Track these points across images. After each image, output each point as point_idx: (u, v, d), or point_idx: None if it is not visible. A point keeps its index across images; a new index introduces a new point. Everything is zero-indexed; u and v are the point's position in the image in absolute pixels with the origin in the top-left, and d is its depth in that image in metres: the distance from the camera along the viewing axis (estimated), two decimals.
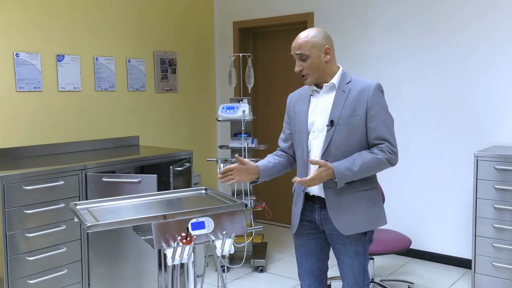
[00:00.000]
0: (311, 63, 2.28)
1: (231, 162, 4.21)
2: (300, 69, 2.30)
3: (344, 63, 4.71)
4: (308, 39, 2.28)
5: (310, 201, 2.39)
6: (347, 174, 2.20)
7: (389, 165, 2.26)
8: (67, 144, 4.10)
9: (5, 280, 3.04)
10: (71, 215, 3.28)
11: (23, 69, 3.87)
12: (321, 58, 2.29)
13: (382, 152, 2.23)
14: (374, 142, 2.26)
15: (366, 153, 2.24)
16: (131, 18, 4.69)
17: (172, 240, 2.16)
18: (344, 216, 2.29)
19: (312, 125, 2.34)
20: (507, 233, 3.57)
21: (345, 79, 2.33)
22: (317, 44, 2.28)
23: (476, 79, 4.07)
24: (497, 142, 4.01)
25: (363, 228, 2.31)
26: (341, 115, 2.25)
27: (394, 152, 2.26)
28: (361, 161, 2.21)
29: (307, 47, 2.27)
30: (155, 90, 4.94)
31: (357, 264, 2.36)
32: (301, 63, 2.29)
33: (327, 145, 2.27)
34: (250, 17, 5.35)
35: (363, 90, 2.27)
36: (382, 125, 2.25)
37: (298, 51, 2.28)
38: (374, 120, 2.25)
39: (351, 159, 2.22)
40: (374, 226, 2.35)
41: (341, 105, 2.27)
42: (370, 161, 2.22)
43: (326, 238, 2.44)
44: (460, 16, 4.10)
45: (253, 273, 4.20)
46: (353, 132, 2.25)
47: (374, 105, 2.25)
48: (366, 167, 2.22)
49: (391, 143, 2.26)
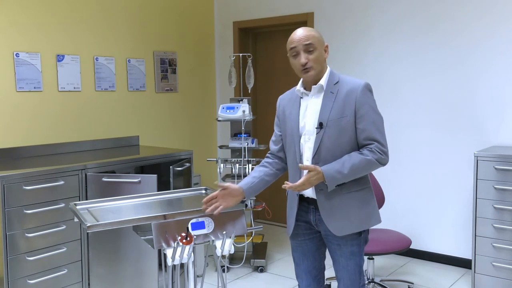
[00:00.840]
0: (318, 55, 2.26)
1: (231, 162, 4.21)
2: (306, 61, 2.25)
3: (344, 63, 4.72)
4: (314, 33, 2.27)
5: (305, 202, 2.38)
6: (337, 176, 2.20)
7: (379, 165, 2.25)
8: (67, 144, 4.09)
9: (5, 280, 3.04)
10: (71, 215, 3.28)
11: (23, 69, 3.87)
12: (323, 54, 2.30)
13: (372, 153, 2.22)
14: (364, 142, 2.25)
15: (356, 155, 2.23)
16: (131, 18, 4.69)
17: (172, 240, 2.16)
18: (337, 217, 2.28)
19: (303, 128, 2.32)
20: (507, 233, 3.57)
21: (333, 79, 2.31)
22: (321, 40, 2.29)
23: (476, 79, 4.07)
24: (497, 142, 4.01)
25: (356, 229, 2.30)
26: (330, 117, 2.24)
27: (384, 152, 2.24)
28: (351, 163, 2.20)
29: (315, 39, 2.25)
30: (155, 90, 4.94)
31: (353, 265, 2.35)
32: (307, 55, 2.25)
33: (317, 148, 2.26)
34: (250, 17, 5.35)
35: (351, 90, 2.25)
36: (371, 125, 2.24)
37: (307, 42, 2.23)
38: (363, 120, 2.23)
39: (341, 162, 2.21)
40: (367, 226, 2.34)
41: (330, 106, 2.25)
42: (359, 163, 2.21)
43: (322, 238, 2.44)
44: (460, 16, 4.10)
45: (253, 273, 4.20)
46: (342, 134, 2.24)
47: (363, 105, 2.24)
48: (356, 169, 2.21)
49: (381, 143, 2.24)
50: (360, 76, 4.59)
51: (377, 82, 4.53)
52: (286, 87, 5.32)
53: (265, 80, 5.56)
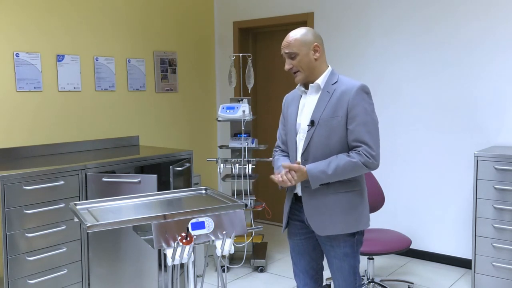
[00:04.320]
0: (300, 60, 2.30)
1: (231, 162, 4.21)
2: (290, 67, 2.33)
3: (344, 63, 4.72)
4: (297, 38, 2.31)
5: (299, 202, 2.39)
6: (321, 176, 2.21)
7: (366, 169, 2.22)
8: (67, 144, 4.09)
9: (5, 280, 3.04)
10: (71, 215, 3.28)
11: (23, 69, 3.87)
12: (310, 56, 2.30)
13: (359, 156, 2.20)
14: (352, 144, 2.24)
15: (343, 157, 2.22)
16: (131, 18, 4.69)
17: (172, 240, 2.16)
18: (320, 216, 2.29)
19: (299, 125, 2.36)
20: (507, 233, 3.57)
21: (332, 79, 2.32)
22: (306, 42, 2.30)
23: (476, 79, 4.07)
24: (497, 142, 4.01)
25: (339, 230, 2.29)
26: (322, 116, 2.26)
27: (372, 155, 2.21)
28: (335, 164, 2.20)
29: (295, 45, 2.30)
30: (155, 90, 4.94)
31: (347, 266, 2.35)
32: (290, 61, 2.32)
33: (307, 145, 2.28)
34: (250, 17, 5.35)
35: (345, 91, 2.26)
36: (362, 127, 2.22)
37: (287, 50, 2.32)
38: (353, 122, 2.23)
39: (327, 162, 2.22)
40: (353, 230, 2.31)
41: (324, 105, 2.27)
42: (345, 165, 2.20)
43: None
44: (459, 16, 4.10)
45: (253, 273, 4.20)
46: (333, 133, 2.25)
47: (355, 106, 2.23)
48: (340, 171, 2.20)
49: (370, 146, 2.21)
50: (360, 76, 4.60)
51: (377, 81, 4.53)
52: (286, 87, 5.35)
53: (265, 80, 5.56)
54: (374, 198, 3.62)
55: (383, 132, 4.54)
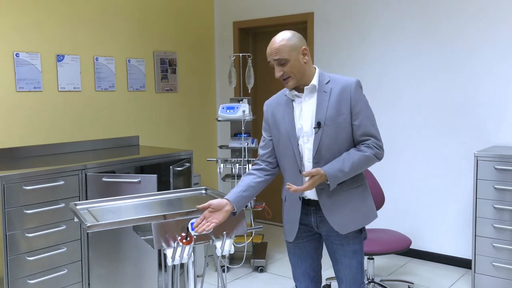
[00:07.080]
0: (292, 66, 2.23)
1: (231, 162, 4.21)
2: (281, 74, 2.24)
3: (344, 64, 4.72)
4: (284, 43, 2.22)
5: (305, 204, 2.38)
6: (339, 175, 2.21)
7: (377, 160, 2.29)
8: (67, 144, 4.10)
9: (5, 280, 3.04)
10: (71, 215, 3.28)
11: (23, 69, 3.87)
12: (300, 60, 2.25)
13: (370, 149, 2.25)
14: (360, 138, 2.27)
15: (354, 152, 2.25)
16: (131, 18, 4.69)
17: (172, 240, 2.16)
18: (340, 215, 2.29)
19: (300, 130, 2.31)
20: (507, 233, 3.57)
21: (324, 79, 2.31)
22: (295, 47, 2.23)
23: (476, 79, 4.07)
24: (497, 142, 4.01)
25: (359, 225, 2.32)
26: (327, 116, 2.25)
27: (380, 146, 2.29)
28: (351, 161, 2.22)
29: (285, 51, 2.21)
30: (155, 90, 4.94)
31: (355, 263, 2.36)
32: (281, 68, 2.23)
33: (317, 147, 2.26)
34: (250, 17, 5.35)
35: (344, 88, 2.26)
36: (367, 120, 2.27)
37: (276, 57, 2.22)
38: (359, 116, 2.25)
39: (341, 160, 2.22)
40: (368, 221, 2.36)
41: (325, 105, 2.26)
42: (359, 160, 2.23)
43: (320, 239, 2.45)
44: (459, 18, 4.10)
45: (253, 273, 4.20)
46: (340, 131, 2.26)
47: (358, 102, 2.26)
48: (356, 166, 2.23)
49: (377, 137, 2.29)
50: (361, 76, 4.60)
51: (377, 82, 4.53)
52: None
53: (265, 80, 5.56)
54: (374, 198, 3.62)
55: (384, 132, 4.55)
